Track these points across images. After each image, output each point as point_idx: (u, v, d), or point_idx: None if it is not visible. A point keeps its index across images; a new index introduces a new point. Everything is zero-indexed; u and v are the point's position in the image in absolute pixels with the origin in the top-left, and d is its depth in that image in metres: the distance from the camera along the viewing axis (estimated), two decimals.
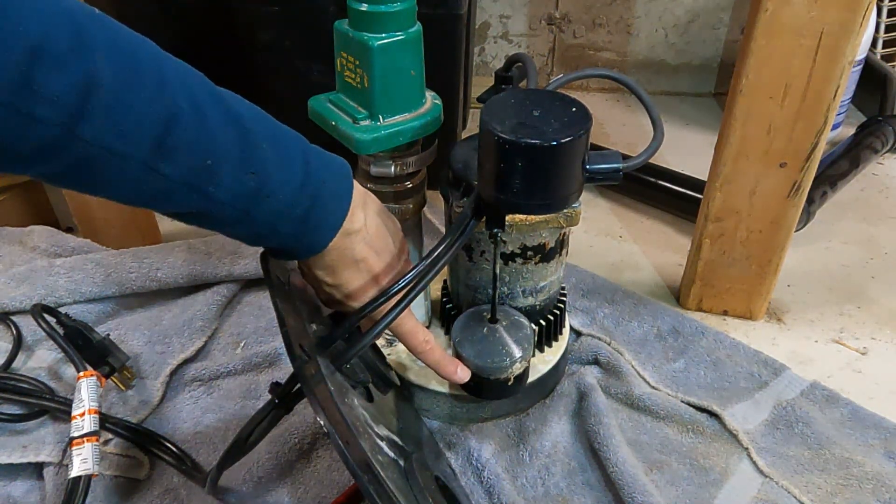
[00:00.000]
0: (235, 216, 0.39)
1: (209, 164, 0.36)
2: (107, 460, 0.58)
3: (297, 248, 0.43)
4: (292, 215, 0.40)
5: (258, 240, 0.42)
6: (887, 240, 0.88)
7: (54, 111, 0.30)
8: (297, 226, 0.41)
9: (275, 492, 0.57)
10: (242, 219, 0.39)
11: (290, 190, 0.40)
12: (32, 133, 0.30)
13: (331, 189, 0.42)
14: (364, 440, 0.37)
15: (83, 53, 0.30)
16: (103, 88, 0.31)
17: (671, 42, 1.23)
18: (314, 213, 0.41)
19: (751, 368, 0.67)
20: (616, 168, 0.45)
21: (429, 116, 0.53)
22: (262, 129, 0.39)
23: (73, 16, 0.30)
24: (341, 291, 0.47)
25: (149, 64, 0.33)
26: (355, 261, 0.45)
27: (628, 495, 0.54)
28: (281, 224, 0.40)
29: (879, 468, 0.57)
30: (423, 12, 0.51)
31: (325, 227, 0.43)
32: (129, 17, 0.89)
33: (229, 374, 0.67)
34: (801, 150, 0.63)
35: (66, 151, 0.31)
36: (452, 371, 0.54)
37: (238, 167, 0.37)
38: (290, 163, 0.40)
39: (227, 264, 0.76)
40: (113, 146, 0.32)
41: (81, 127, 0.31)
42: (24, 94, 0.29)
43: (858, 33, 0.56)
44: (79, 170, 0.33)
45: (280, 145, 0.40)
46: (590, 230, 0.91)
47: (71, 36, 0.30)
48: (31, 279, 0.72)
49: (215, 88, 0.37)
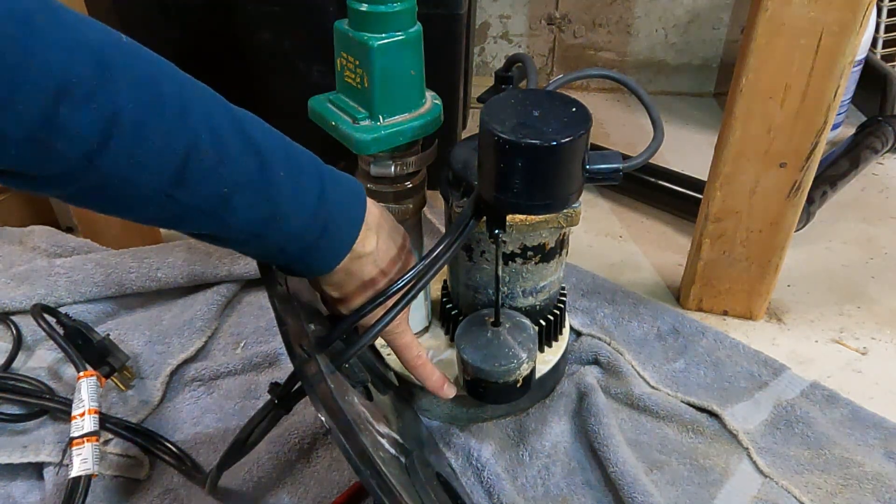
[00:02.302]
0: (246, 239, 0.39)
1: (225, 191, 0.36)
2: (107, 460, 0.58)
3: (306, 269, 0.43)
4: (304, 239, 0.40)
5: (266, 258, 0.42)
6: (887, 240, 0.88)
7: (75, 146, 0.30)
8: (308, 249, 0.41)
9: (275, 492, 0.57)
10: (253, 241, 0.39)
11: (304, 216, 0.40)
12: (51, 164, 0.30)
13: (344, 213, 0.43)
14: (365, 436, 0.37)
15: (107, 87, 0.30)
16: (125, 122, 0.31)
17: (671, 42, 1.23)
18: (325, 237, 0.41)
19: (751, 368, 0.67)
20: (616, 168, 0.45)
21: (429, 116, 0.53)
22: (279, 154, 0.39)
23: (95, 48, 0.30)
24: (347, 306, 0.47)
25: (170, 91, 0.33)
26: (363, 281, 0.46)
27: (628, 495, 0.54)
28: (291, 247, 0.40)
29: (879, 468, 0.57)
30: (423, 12, 0.51)
31: (334, 250, 0.43)
32: (130, 18, 0.90)
33: (229, 374, 0.67)
34: (801, 150, 0.63)
35: (83, 179, 0.31)
36: (440, 386, 0.54)
37: (254, 195, 0.37)
38: (305, 189, 0.40)
39: (227, 264, 0.76)
40: (131, 177, 0.32)
41: (101, 159, 0.31)
42: (47, 129, 0.29)
43: (858, 33, 0.56)
44: (94, 194, 0.33)
45: (296, 170, 0.40)
46: (590, 230, 0.91)
47: (94, 71, 0.29)
48: (31, 279, 0.72)
49: (235, 112, 0.37)
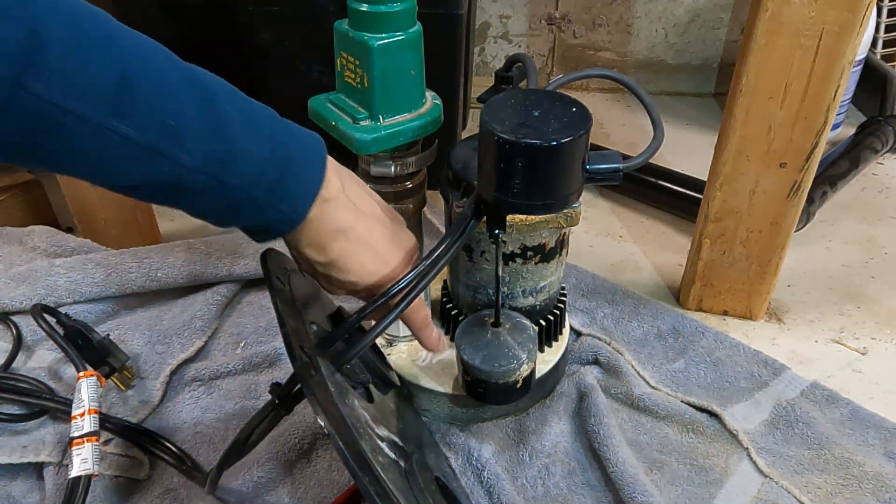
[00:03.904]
0: (206, 183, 0.37)
1: (172, 124, 0.34)
2: (107, 460, 0.58)
3: (276, 220, 0.41)
4: (265, 180, 0.39)
5: (234, 213, 0.40)
6: (887, 240, 0.88)
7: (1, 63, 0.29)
8: (272, 192, 0.39)
9: (275, 492, 0.57)
10: (214, 186, 0.37)
11: (260, 153, 0.38)
12: None
13: (303, 154, 0.41)
14: (364, 441, 0.37)
15: (26, 6, 0.29)
16: (50, 42, 0.30)
17: (671, 42, 1.23)
18: (288, 178, 0.40)
19: (751, 368, 0.67)
20: (616, 168, 0.45)
21: (429, 116, 0.53)
22: (227, 95, 0.38)
23: None
24: (340, 270, 0.44)
25: (94, 23, 0.32)
26: (341, 230, 0.43)
27: (628, 495, 0.54)
28: (254, 190, 0.38)
29: (879, 468, 0.58)
30: (423, 12, 0.51)
31: (300, 192, 0.41)
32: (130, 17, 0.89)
33: (229, 374, 0.67)
34: (801, 150, 0.63)
35: (16, 107, 0.30)
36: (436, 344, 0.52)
37: (203, 128, 0.36)
38: (259, 128, 0.39)
39: (227, 264, 0.76)
40: (65, 103, 0.31)
41: (30, 80, 0.30)
42: None
43: (858, 33, 0.56)
44: (34, 133, 0.32)
45: (246, 110, 0.38)
46: (590, 230, 0.91)
47: None
48: (31, 279, 0.72)
49: (171, 53, 0.36)
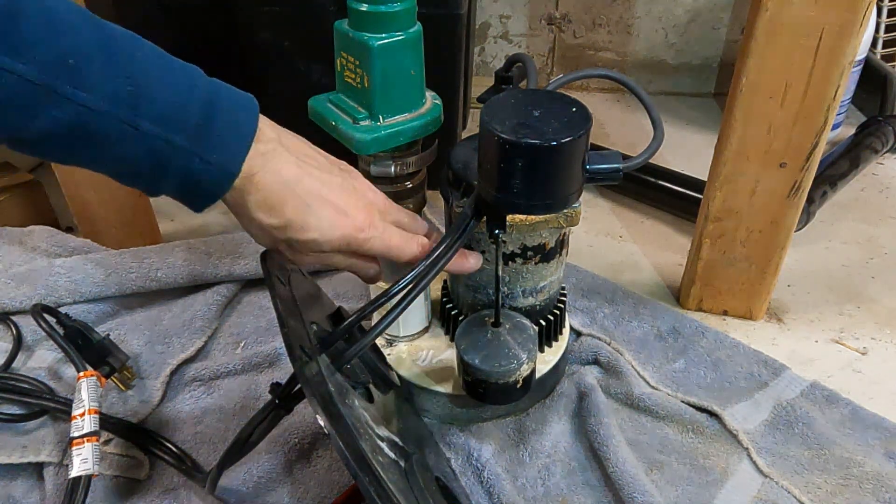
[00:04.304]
0: (117, 128, 0.34)
1: (71, 63, 0.32)
2: (107, 460, 0.58)
3: (208, 175, 0.37)
4: (186, 125, 0.36)
5: (160, 170, 0.37)
6: (887, 240, 0.88)
7: None
8: (196, 139, 0.36)
9: (275, 492, 0.57)
10: (126, 132, 0.34)
11: (176, 96, 0.36)
12: None
13: (230, 100, 0.38)
14: (364, 441, 0.37)
15: None
16: None
17: (671, 42, 1.23)
18: (215, 123, 0.37)
19: (751, 368, 0.67)
20: (616, 168, 0.45)
21: (429, 116, 0.53)
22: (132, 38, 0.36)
23: None
24: (298, 230, 0.41)
25: None
26: (288, 185, 0.40)
27: (628, 495, 0.54)
28: (174, 136, 0.35)
29: (879, 468, 0.58)
30: (423, 12, 0.51)
31: (230, 139, 0.37)
32: (130, 18, 0.89)
33: (229, 374, 0.67)
34: (801, 150, 0.63)
35: None
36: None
37: (107, 67, 0.33)
38: (172, 69, 0.36)
39: (227, 264, 0.76)
40: None
41: None
42: None
43: (858, 33, 0.56)
44: None
45: (158, 55, 0.36)
46: (590, 230, 0.91)
47: None
48: (31, 279, 0.72)
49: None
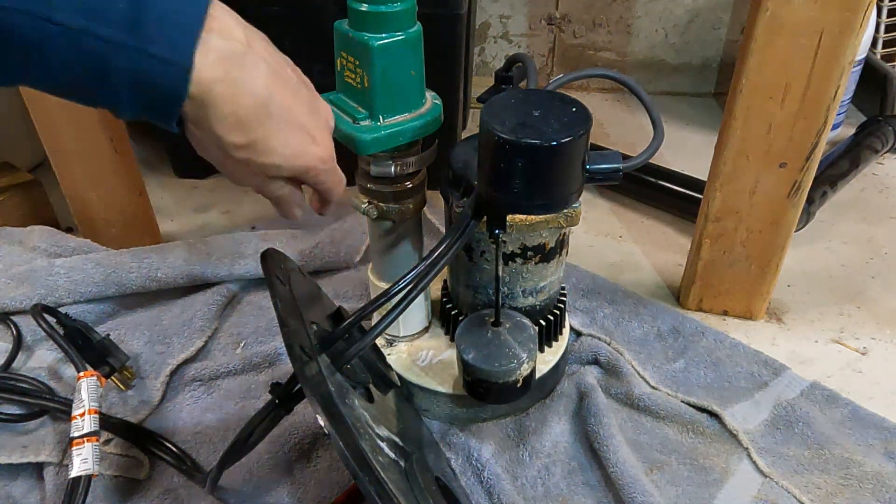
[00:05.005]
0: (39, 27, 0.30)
1: None
2: (107, 460, 0.58)
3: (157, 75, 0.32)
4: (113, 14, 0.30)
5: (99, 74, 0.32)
6: (887, 240, 0.88)
7: None
8: (131, 30, 0.31)
9: (275, 492, 0.57)
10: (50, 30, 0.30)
11: None
12: None
13: None
14: (364, 441, 0.37)
15: None
16: None
17: (671, 42, 1.23)
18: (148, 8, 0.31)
19: (751, 368, 0.67)
20: (616, 168, 0.45)
21: (429, 116, 0.53)
22: None
23: None
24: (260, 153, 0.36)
25: None
26: (260, 101, 0.35)
27: (628, 495, 0.54)
28: (102, 29, 0.30)
29: (879, 468, 0.58)
30: (423, 12, 0.51)
31: (173, 25, 0.32)
32: None
33: (229, 374, 0.67)
34: (801, 150, 0.63)
35: None
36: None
37: None
38: None
39: (227, 264, 0.76)
40: None
41: None
42: None
43: (858, 33, 0.56)
44: None
45: None
46: (590, 230, 0.91)
47: None
48: (31, 279, 0.72)
49: None
